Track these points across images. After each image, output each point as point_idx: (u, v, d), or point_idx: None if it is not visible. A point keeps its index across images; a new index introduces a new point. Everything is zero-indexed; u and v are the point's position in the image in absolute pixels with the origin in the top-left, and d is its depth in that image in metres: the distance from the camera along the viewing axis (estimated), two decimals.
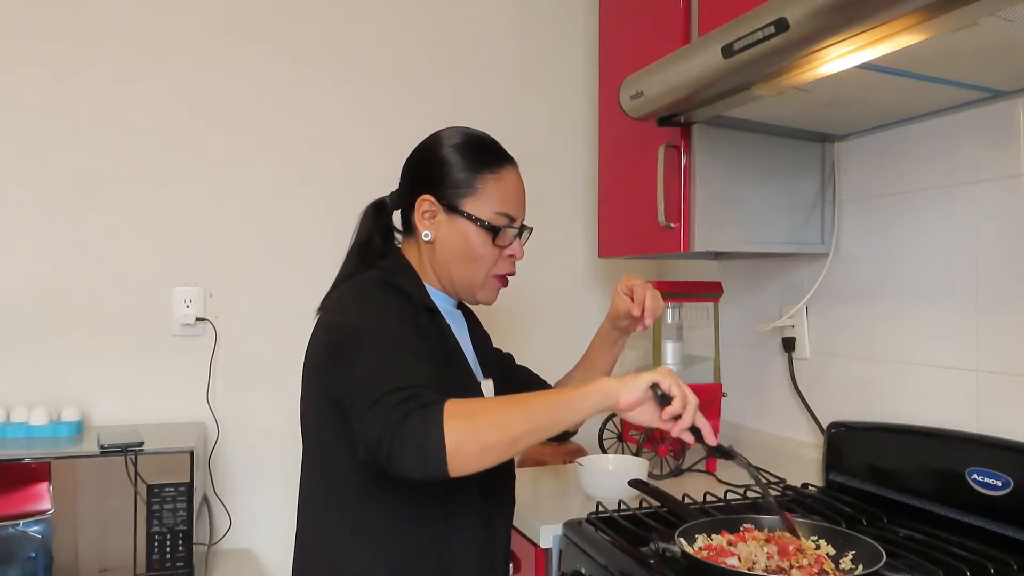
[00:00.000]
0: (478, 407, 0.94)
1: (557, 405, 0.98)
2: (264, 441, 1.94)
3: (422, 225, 1.18)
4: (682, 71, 1.29)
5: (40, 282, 1.80)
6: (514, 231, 1.20)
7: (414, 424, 0.89)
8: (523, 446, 0.95)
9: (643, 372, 1.01)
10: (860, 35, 1.02)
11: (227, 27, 1.95)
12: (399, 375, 0.95)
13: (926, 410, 1.48)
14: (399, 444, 0.89)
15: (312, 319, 1.19)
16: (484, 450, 0.91)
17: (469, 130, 1.22)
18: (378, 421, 0.91)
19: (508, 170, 1.20)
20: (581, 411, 0.98)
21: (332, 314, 1.13)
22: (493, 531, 1.18)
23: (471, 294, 1.22)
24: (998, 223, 1.36)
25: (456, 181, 1.17)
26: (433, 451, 0.88)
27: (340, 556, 1.10)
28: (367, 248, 1.21)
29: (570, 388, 1.01)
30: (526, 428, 0.94)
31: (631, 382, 0.99)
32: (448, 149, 1.18)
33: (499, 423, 0.93)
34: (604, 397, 0.98)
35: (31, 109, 1.80)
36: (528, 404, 0.97)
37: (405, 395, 0.92)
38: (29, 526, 1.46)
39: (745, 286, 1.99)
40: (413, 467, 0.90)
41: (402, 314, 1.08)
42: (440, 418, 0.89)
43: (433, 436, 0.88)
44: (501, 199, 1.18)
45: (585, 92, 2.28)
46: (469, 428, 0.90)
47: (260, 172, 1.97)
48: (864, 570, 1.09)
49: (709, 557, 1.15)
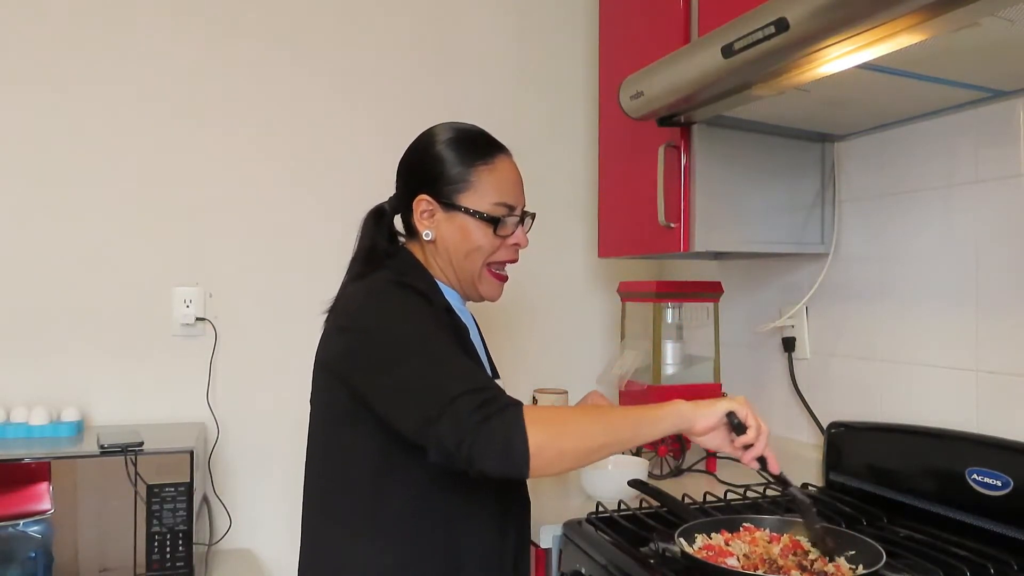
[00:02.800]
0: (555, 414, 1.00)
1: (639, 422, 1.01)
2: (264, 441, 1.94)
3: (421, 225, 1.18)
4: (682, 71, 1.29)
5: (40, 282, 1.80)
6: (515, 219, 1.20)
7: (496, 427, 0.92)
8: (599, 457, 0.99)
9: (721, 400, 1.05)
10: (860, 35, 1.02)
11: (227, 28, 1.95)
12: (464, 378, 0.97)
13: (926, 410, 1.48)
14: (482, 446, 0.92)
15: (313, 318, 1.18)
16: (562, 455, 0.95)
17: (458, 124, 1.22)
18: (455, 425, 0.93)
19: (501, 159, 1.20)
20: (657, 431, 1.01)
21: (347, 317, 1.11)
22: (505, 532, 1.17)
23: (473, 289, 1.22)
24: (998, 223, 1.36)
25: (450, 177, 1.16)
26: (518, 453, 0.92)
27: (349, 551, 1.10)
28: (372, 254, 1.20)
29: (649, 407, 1.03)
30: (605, 440, 0.98)
31: (708, 408, 1.03)
32: (439, 146, 1.18)
33: (581, 432, 0.97)
34: (680, 420, 1.02)
35: (30, 109, 1.79)
36: (611, 417, 1.02)
37: (480, 399, 0.94)
38: (29, 526, 1.46)
39: (745, 286, 1.99)
40: (497, 468, 0.93)
41: (429, 315, 1.08)
42: (522, 421, 0.93)
43: (517, 439, 0.92)
44: (497, 189, 1.17)
45: (585, 92, 2.28)
46: (550, 433, 0.94)
47: (260, 172, 1.97)
48: (864, 570, 1.09)
49: (709, 557, 1.15)
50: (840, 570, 1.11)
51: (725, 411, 1.04)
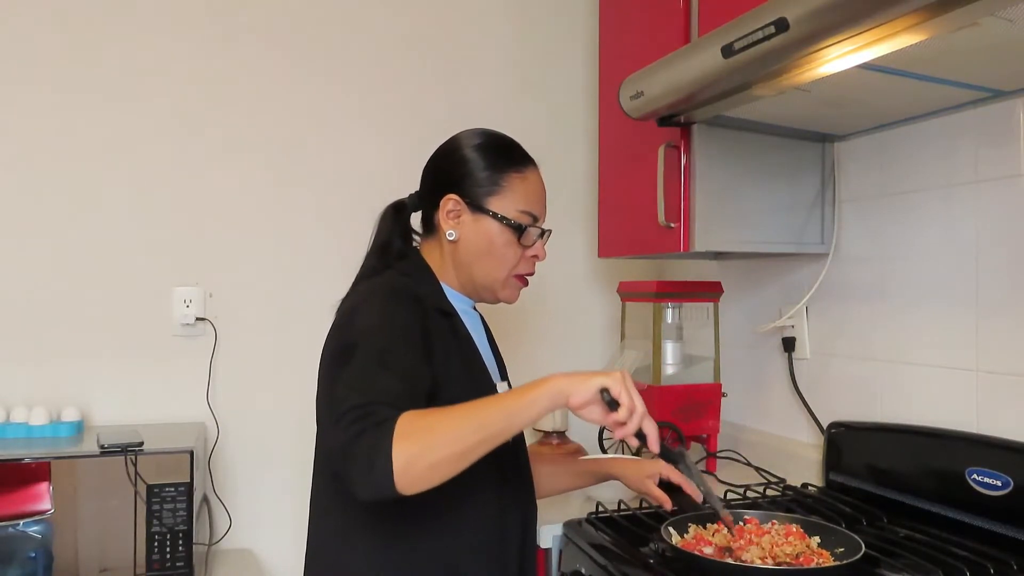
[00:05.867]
0: (432, 421, 0.92)
1: (510, 411, 0.95)
2: (264, 441, 1.94)
3: (446, 224, 1.18)
4: (682, 71, 1.29)
5: (40, 282, 1.80)
6: (537, 231, 1.21)
7: (366, 442, 0.88)
8: (476, 456, 0.93)
9: (596, 374, 0.98)
10: (860, 35, 1.02)
11: (226, 29, 1.95)
12: (366, 391, 0.94)
13: (926, 410, 1.48)
14: (350, 463, 0.89)
15: (313, 318, 1.19)
16: (434, 467, 0.90)
17: (490, 131, 1.23)
18: (336, 438, 0.91)
19: (532, 170, 1.22)
20: (534, 413, 0.95)
21: (342, 315, 1.13)
22: (505, 532, 1.17)
23: (492, 293, 1.22)
24: (998, 223, 1.36)
25: (481, 179, 1.17)
26: (380, 471, 0.87)
27: (352, 555, 1.10)
28: (386, 250, 1.21)
29: (521, 390, 0.97)
30: (479, 438, 0.92)
31: (582, 383, 0.97)
32: (471, 149, 1.19)
33: (451, 437, 0.91)
34: (555, 396, 0.96)
35: (30, 110, 1.80)
36: (481, 412, 0.94)
37: (362, 412, 0.91)
38: (29, 526, 1.46)
39: (745, 286, 1.99)
40: (362, 487, 0.89)
41: (404, 324, 1.06)
42: (389, 437, 0.88)
43: (381, 456, 0.87)
44: (525, 198, 1.19)
45: (585, 92, 2.28)
46: (418, 446, 0.88)
47: (260, 172, 1.97)
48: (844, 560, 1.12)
49: (687, 545, 1.17)
50: (823, 555, 1.16)
51: (598, 387, 0.97)
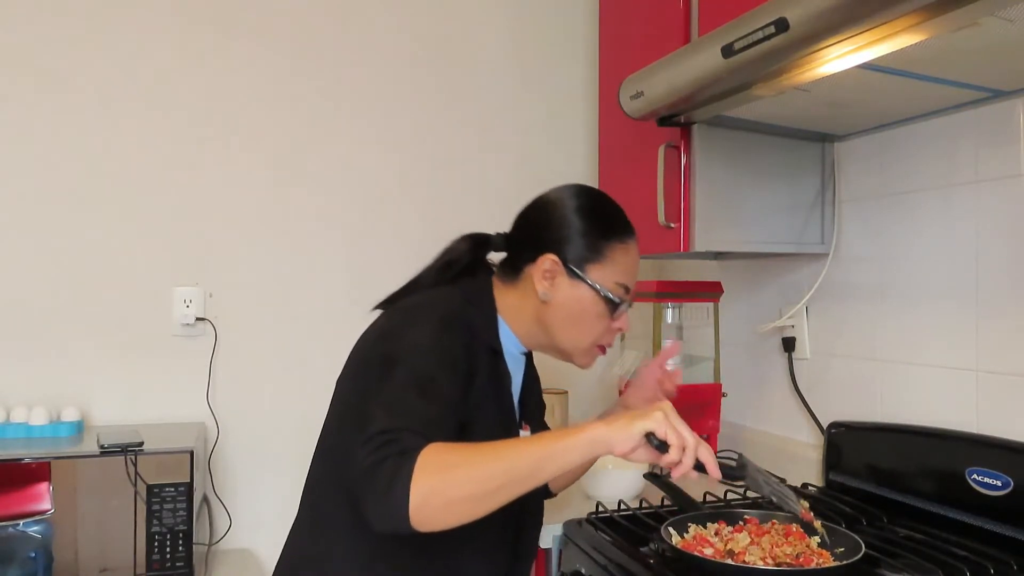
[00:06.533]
0: (457, 457, 0.88)
1: (542, 455, 0.89)
2: (264, 441, 1.93)
3: (540, 284, 1.13)
4: (682, 71, 1.29)
5: (40, 282, 1.80)
6: (627, 305, 1.16)
7: (387, 471, 0.85)
8: (500, 501, 0.88)
9: (637, 418, 0.92)
10: (860, 35, 1.02)
11: (226, 29, 1.95)
12: (398, 415, 0.91)
13: (926, 410, 1.48)
14: (368, 491, 0.86)
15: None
16: (451, 505, 0.86)
17: (596, 191, 1.20)
18: (359, 460, 0.88)
19: (633, 242, 1.16)
20: (567, 461, 0.90)
21: (391, 320, 1.10)
22: (505, 533, 1.16)
23: (569, 357, 1.18)
24: (998, 223, 1.36)
25: (584, 245, 1.13)
26: (396, 502, 0.83)
27: (338, 547, 1.08)
28: (449, 269, 1.18)
29: (556, 434, 0.92)
30: (503, 480, 0.87)
31: (624, 430, 0.91)
32: (578, 211, 1.14)
33: (475, 475, 0.86)
34: (594, 445, 0.91)
35: (30, 110, 1.79)
36: (511, 453, 0.89)
37: (387, 438, 0.88)
38: (29, 526, 1.46)
39: (745, 286, 1.99)
40: (376, 517, 0.86)
41: (453, 354, 1.03)
42: (410, 469, 0.84)
43: (398, 488, 0.84)
44: (625, 271, 1.14)
45: (585, 92, 2.28)
46: (439, 482, 0.84)
47: (260, 172, 1.97)
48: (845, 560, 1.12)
49: (687, 546, 1.17)
50: (823, 555, 1.17)
51: (642, 432, 0.91)
